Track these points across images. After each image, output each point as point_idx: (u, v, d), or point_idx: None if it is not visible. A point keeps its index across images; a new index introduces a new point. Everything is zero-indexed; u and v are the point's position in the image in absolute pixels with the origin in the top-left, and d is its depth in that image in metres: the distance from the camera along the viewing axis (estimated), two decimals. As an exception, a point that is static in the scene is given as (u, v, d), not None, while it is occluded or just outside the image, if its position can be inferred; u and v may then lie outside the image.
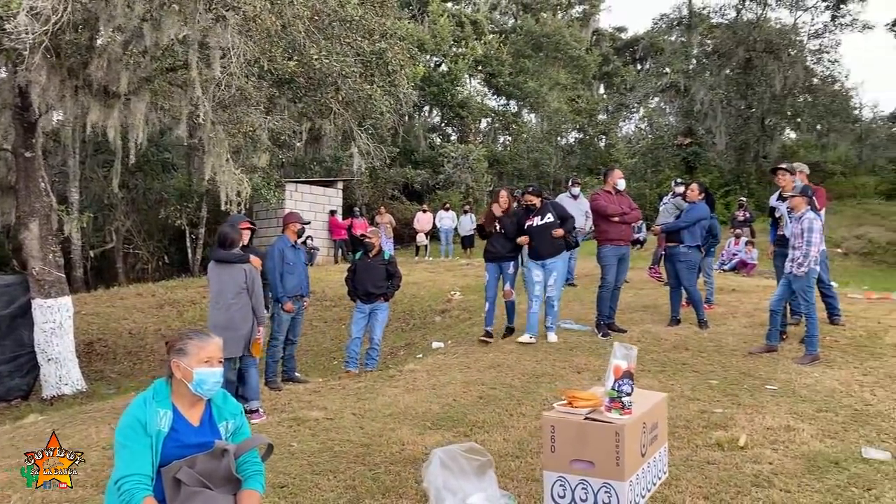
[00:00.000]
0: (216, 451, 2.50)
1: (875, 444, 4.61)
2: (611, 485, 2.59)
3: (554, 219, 7.79)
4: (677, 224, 8.29)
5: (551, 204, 8.08)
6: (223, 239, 6.38)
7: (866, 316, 8.19)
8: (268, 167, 16.60)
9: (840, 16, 25.22)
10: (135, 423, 2.47)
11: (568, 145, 33.66)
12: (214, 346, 2.67)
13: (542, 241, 7.77)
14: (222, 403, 2.69)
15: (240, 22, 7.85)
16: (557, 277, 7.82)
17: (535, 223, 7.82)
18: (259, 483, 2.60)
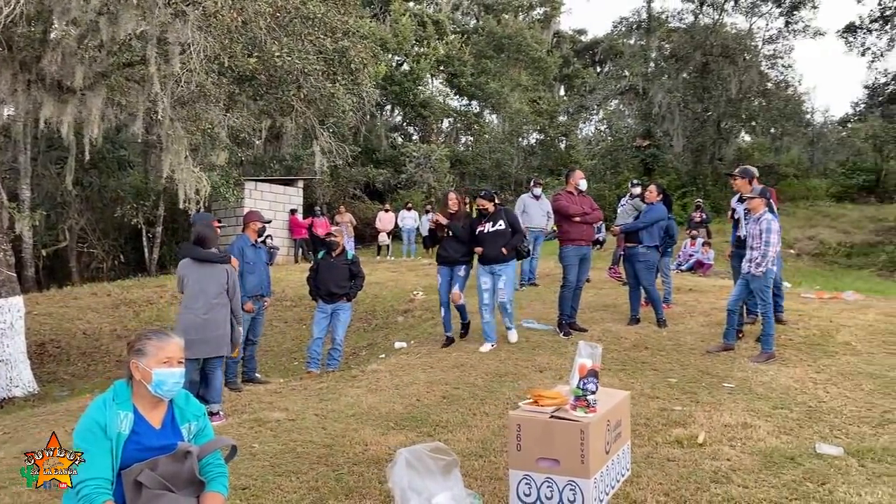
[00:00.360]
0: (179, 453, 2.45)
1: (828, 439, 4.73)
2: (576, 482, 2.61)
3: (505, 226, 7.67)
4: (636, 225, 8.40)
5: (504, 211, 7.90)
6: (201, 238, 6.30)
7: (819, 315, 8.39)
8: (227, 165, 16.39)
9: (793, 22, 25.83)
10: (94, 426, 2.41)
11: (529, 146, 33.88)
12: (175, 346, 2.62)
13: (493, 247, 7.64)
14: (184, 405, 2.64)
15: (200, 18, 7.71)
16: (507, 281, 7.67)
17: (486, 229, 7.69)
18: (223, 485, 2.56)
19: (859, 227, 22.83)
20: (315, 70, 9.74)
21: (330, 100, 10.33)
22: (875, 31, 24.62)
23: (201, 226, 6.47)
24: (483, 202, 7.84)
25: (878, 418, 5.12)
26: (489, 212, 7.77)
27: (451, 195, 8.23)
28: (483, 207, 7.81)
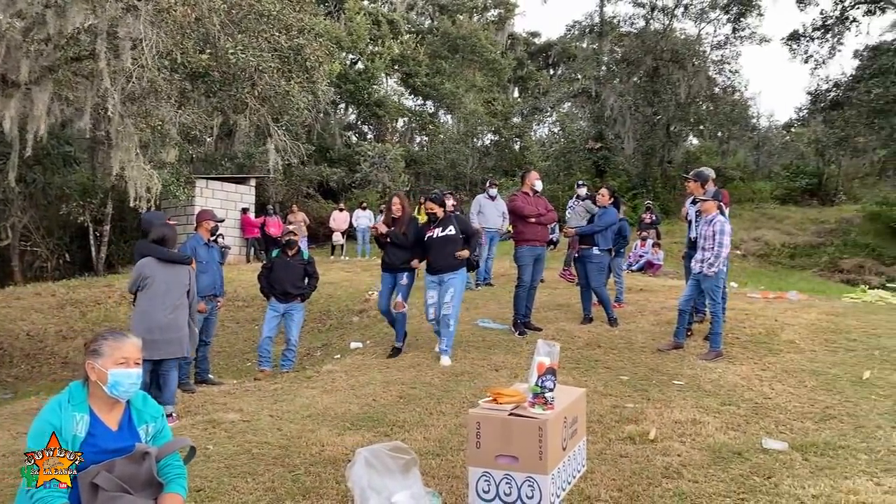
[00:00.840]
0: (137, 455, 2.42)
1: (774, 435, 4.89)
2: (534, 478, 2.66)
3: (456, 232, 7.20)
4: (592, 228, 8.54)
5: (455, 217, 7.45)
6: (163, 238, 6.24)
7: (764, 314, 8.65)
8: (177, 163, 16.08)
9: (740, 28, 26.50)
10: (47, 428, 2.36)
11: (484, 147, 34.06)
12: (131, 347, 2.58)
13: (441, 254, 7.18)
14: (142, 406, 2.61)
15: (152, 13, 7.55)
16: (455, 294, 7.11)
17: (435, 234, 7.21)
18: (181, 486, 2.54)
19: (802, 229, 23.59)
20: (270, 67, 9.64)
21: (285, 98, 10.23)
22: (817, 40, 25.42)
23: (162, 225, 6.40)
24: (431, 206, 7.35)
25: (820, 414, 5.31)
26: (437, 216, 7.32)
27: (394, 199, 7.77)
28: (431, 211, 7.34)
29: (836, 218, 24.43)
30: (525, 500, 2.69)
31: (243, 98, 9.94)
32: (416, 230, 7.47)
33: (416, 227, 7.51)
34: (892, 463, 4.29)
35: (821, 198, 27.83)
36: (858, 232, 22.43)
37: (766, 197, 27.76)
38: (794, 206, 26.89)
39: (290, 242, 8.20)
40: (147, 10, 7.54)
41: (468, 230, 7.41)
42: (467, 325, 8.79)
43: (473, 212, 11.61)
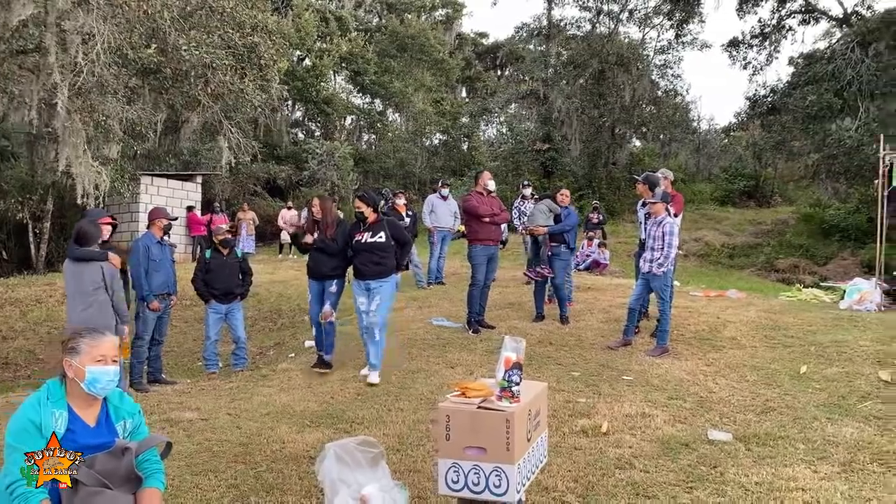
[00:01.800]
0: (117, 450, 2.46)
1: (718, 427, 5.14)
2: (501, 468, 2.78)
3: (386, 239, 6.66)
4: (563, 227, 8.75)
5: (387, 223, 6.83)
6: (80, 235, 6.11)
7: (707, 312, 8.98)
8: (120, 159, 15.74)
9: (683, 34, 27.22)
10: (28, 425, 2.39)
11: (433, 146, 34.20)
12: (108, 344, 2.62)
13: (367, 261, 6.66)
14: (119, 402, 2.64)
15: (104, 7, 7.41)
16: (382, 302, 6.60)
17: (363, 239, 6.68)
18: (160, 481, 2.58)
19: (740, 230, 24.40)
20: (223, 65, 9.55)
21: (239, 95, 10.14)
22: (755, 47, 26.29)
23: (84, 222, 6.25)
24: (360, 205, 6.77)
25: (761, 406, 5.59)
26: (366, 218, 6.75)
27: (314, 200, 7.21)
28: (359, 210, 6.76)
29: (772, 219, 25.35)
30: (493, 490, 2.81)
31: (196, 95, 9.83)
32: (345, 233, 6.94)
33: (344, 231, 6.98)
34: (828, 452, 4.56)
35: (758, 200, 28.83)
36: (793, 233, 23.32)
37: (706, 198, 28.61)
38: (732, 207, 27.79)
39: (225, 242, 8.16)
40: (99, 4, 7.41)
41: (401, 237, 6.82)
42: (422, 323, 8.90)
43: (426, 211, 11.75)
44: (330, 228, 6.96)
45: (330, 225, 6.98)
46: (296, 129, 32.40)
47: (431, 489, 4.03)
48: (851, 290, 10.03)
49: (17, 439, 2.37)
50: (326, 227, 6.95)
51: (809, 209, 24.84)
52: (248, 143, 12.09)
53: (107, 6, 7.51)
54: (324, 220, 6.99)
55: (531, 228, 8.77)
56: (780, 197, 29.26)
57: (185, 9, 8.84)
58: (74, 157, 9.32)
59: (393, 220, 7.17)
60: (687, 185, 29.89)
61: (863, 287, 9.96)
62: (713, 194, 29.02)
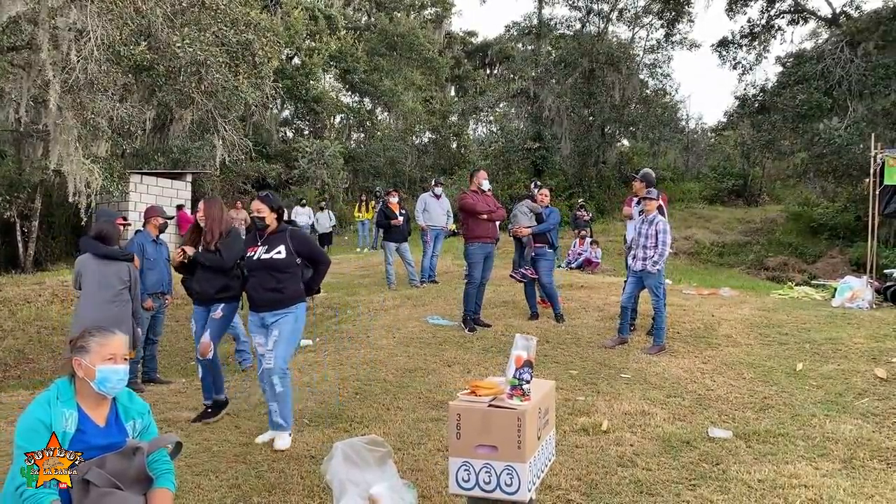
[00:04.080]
0: (128, 450, 2.43)
1: (718, 424, 5.16)
2: (512, 467, 2.77)
3: (287, 255, 4.98)
4: (546, 227, 8.76)
5: (291, 234, 5.10)
6: (103, 235, 6.21)
7: (701, 310, 9.01)
8: (109, 157, 15.62)
9: (672, 34, 27.38)
10: (38, 425, 2.36)
11: (422, 145, 34.17)
12: (118, 343, 2.59)
13: (259, 285, 5.01)
14: (128, 402, 2.62)
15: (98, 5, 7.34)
16: (280, 339, 4.92)
17: (257, 255, 5.02)
18: (170, 481, 2.56)
19: (730, 228, 24.54)
20: (217, 62, 9.49)
21: (233, 93, 10.08)
22: (745, 47, 26.47)
23: (103, 222, 6.38)
24: (260, 208, 5.06)
25: (759, 404, 5.62)
26: (266, 225, 5.08)
27: (201, 204, 5.74)
28: (258, 215, 5.06)
29: (761, 218, 25.51)
30: (504, 488, 2.80)
31: (189, 92, 9.76)
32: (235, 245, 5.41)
33: (235, 242, 5.45)
34: (828, 449, 4.58)
35: (746, 198, 29.01)
36: (782, 231, 23.48)
37: (695, 197, 28.75)
38: (721, 206, 27.94)
39: None
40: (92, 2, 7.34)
41: (313, 254, 5.22)
42: (417, 321, 8.88)
43: (419, 210, 11.75)
44: (216, 238, 5.43)
45: (217, 234, 5.45)
46: (285, 128, 32.28)
47: (435, 488, 4.02)
48: (843, 288, 10.09)
49: (26, 440, 2.34)
50: (211, 237, 5.44)
51: (798, 208, 25.03)
52: (242, 141, 12.00)
53: (99, 2, 7.45)
54: (208, 230, 5.48)
55: (515, 229, 8.78)
56: (769, 196, 29.45)
57: (177, 5, 8.77)
58: (66, 154, 9.24)
59: (301, 231, 5.31)
60: (676, 183, 30.05)
61: (854, 285, 10.02)
62: (702, 193, 29.17)
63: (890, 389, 5.78)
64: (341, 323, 9.39)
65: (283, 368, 4.91)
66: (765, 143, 23.95)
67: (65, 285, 12.65)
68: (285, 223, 5.20)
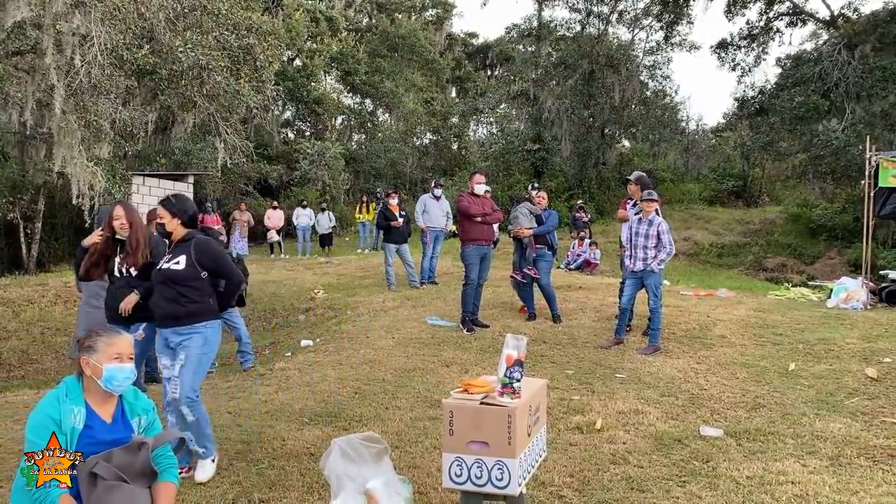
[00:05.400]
0: (133, 445, 2.54)
1: (710, 423, 5.26)
2: (503, 462, 2.88)
3: (186, 267, 4.37)
4: (546, 228, 8.87)
5: (197, 244, 4.45)
6: None
7: (697, 311, 9.12)
8: (111, 159, 15.75)
9: (672, 36, 27.50)
10: (48, 421, 2.47)
11: (423, 146, 34.30)
12: (125, 343, 2.70)
13: (161, 298, 4.43)
14: (133, 400, 2.73)
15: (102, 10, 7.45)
16: (187, 365, 4.32)
17: (163, 265, 4.46)
18: (174, 475, 2.67)
19: (729, 229, 24.64)
20: (219, 66, 9.61)
21: (234, 96, 10.19)
22: (744, 48, 26.58)
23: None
24: (162, 214, 4.53)
25: (751, 403, 5.72)
26: (169, 232, 4.53)
27: (115, 210, 5.13)
28: (160, 220, 4.54)
29: (760, 219, 25.61)
30: (495, 483, 2.90)
31: (191, 95, 9.88)
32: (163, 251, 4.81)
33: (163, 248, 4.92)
34: (816, 446, 4.69)
35: (746, 199, 29.12)
36: (781, 232, 23.57)
37: (694, 198, 28.86)
38: (721, 207, 28.05)
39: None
40: (95, 6, 7.45)
41: (217, 269, 4.50)
42: (417, 322, 8.99)
43: (418, 211, 11.86)
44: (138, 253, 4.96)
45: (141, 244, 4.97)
46: (286, 129, 32.42)
47: (431, 485, 4.13)
48: (838, 289, 10.19)
49: (36, 435, 2.46)
50: (135, 251, 4.97)
51: (797, 209, 25.12)
52: (243, 143, 12.12)
53: (103, 7, 7.57)
54: (130, 242, 4.99)
55: (516, 230, 8.86)
56: (768, 197, 29.56)
57: (179, 9, 8.88)
58: (69, 157, 9.36)
59: (208, 242, 4.58)
60: (676, 184, 30.15)
61: (849, 286, 10.12)
62: (702, 194, 29.28)
63: (880, 389, 5.88)
64: (341, 323, 9.49)
65: (190, 398, 4.29)
66: (763, 145, 24.06)
67: (68, 286, 12.76)
68: (197, 231, 4.62)
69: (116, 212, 5.03)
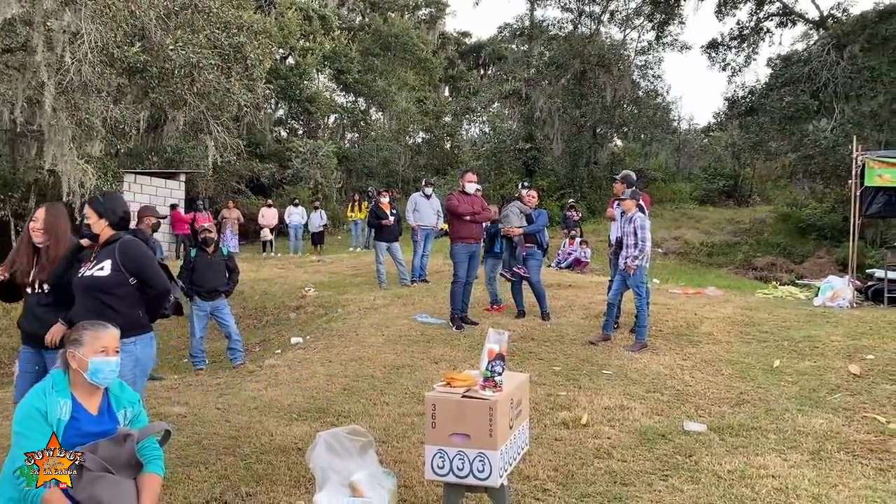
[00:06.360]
0: (119, 437, 2.58)
1: (694, 418, 5.33)
2: (485, 454, 2.93)
3: (110, 273, 3.79)
4: (536, 227, 8.92)
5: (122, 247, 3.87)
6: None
7: (685, 309, 9.19)
8: (103, 157, 15.73)
9: (663, 36, 27.59)
10: (34, 413, 2.51)
11: (416, 145, 34.32)
12: (110, 336, 2.74)
13: (84, 309, 3.75)
14: (119, 392, 2.77)
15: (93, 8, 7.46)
16: None
17: (85, 272, 3.87)
18: (159, 467, 2.71)
19: (719, 229, 24.75)
20: (210, 64, 9.62)
21: (225, 94, 10.22)
22: (734, 49, 26.70)
23: None
24: (88, 214, 4.04)
25: (735, 399, 5.79)
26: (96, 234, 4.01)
27: (40, 212, 4.41)
28: (87, 220, 4.06)
29: (750, 218, 25.74)
30: (476, 474, 2.96)
31: (182, 94, 9.89)
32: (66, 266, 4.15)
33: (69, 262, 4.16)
34: (798, 441, 4.76)
35: (736, 199, 29.26)
36: (770, 232, 23.70)
37: (685, 197, 28.98)
38: (711, 206, 28.18)
39: (206, 241, 8.24)
40: (86, 3, 7.46)
41: (141, 274, 3.89)
42: (406, 320, 9.03)
43: (409, 209, 11.91)
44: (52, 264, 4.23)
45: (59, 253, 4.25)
46: (279, 128, 32.38)
47: (417, 478, 4.18)
48: (825, 288, 10.28)
49: (23, 426, 2.50)
50: (48, 259, 4.27)
51: (787, 208, 25.25)
52: (234, 141, 12.14)
53: (93, 5, 7.58)
54: (47, 250, 4.30)
55: (507, 229, 8.90)
56: (759, 196, 29.71)
57: (170, 7, 8.90)
58: (60, 154, 9.36)
59: (135, 244, 3.98)
60: (667, 184, 30.27)
61: (836, 284, 10.21)
62: (693, 193, 29.40)
63: (862, 385, 5.96)
64: (331, 321, 9.54)
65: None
66: (753, 145, 24.18)
67: (58, 284, 12.72)
68: (124, 232, 4.03)
69: (37, 213, 4.35)
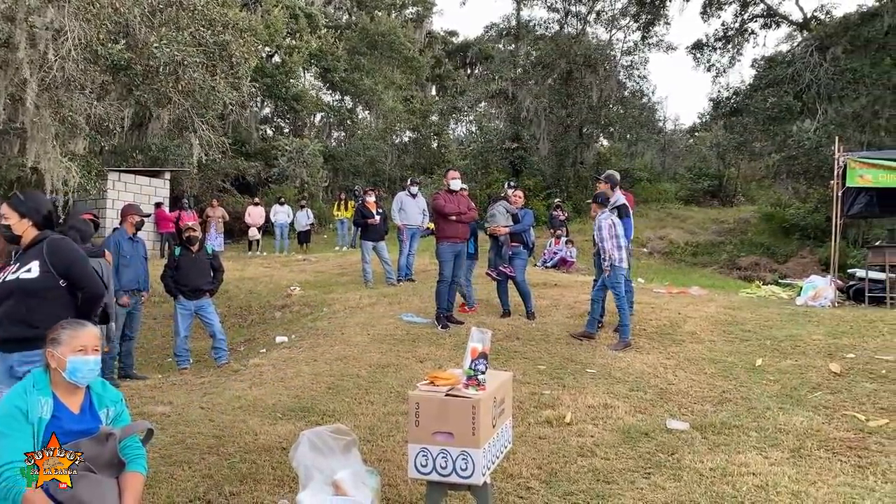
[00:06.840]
0: (101, 436, 2.58)
1: (677, 416, 5.37)
2: (467, 452, 2.94)
3: (39, 275, 3.58)
4: (522, 227, 8.96)
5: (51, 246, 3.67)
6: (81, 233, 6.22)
7: (668, 308, 9.25)
8: (87, 155, 15.60)
9: (649, 36, 27.75)
10: (15, 412, 2.50)
11: (402, 144, 34.29)
12: (89, 335, 2.73)
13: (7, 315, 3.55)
14: (102, 391, 2.76)
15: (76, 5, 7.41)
16: None
17: (7, 275, 3.63)
18: (142, 465, 2.71)
19: (704, 228, 24.93)
20: (194, 62, 9.57)
21: (210, 93, 10.17)
22: (719, 49, 26.88)
23: (78, 220, 6.41)
24: (5, 211, 3.77)
25: (717, 397, 5.84)
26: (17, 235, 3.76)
27: None
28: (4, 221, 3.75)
29: (734, 218, 25.94)
30: (459, 472, 2.97)
31: (167, 92, 9.84)
32: None
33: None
34: (779, 439, 4.81)
35: (721, 199, 29.47)
36: (754, 231, 23.90)
37: (670, 197, 29.16)
38: (696, 206, 28.37)
39: (190, 239, 8.22)
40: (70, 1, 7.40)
41: (71, 275, 3.68)
42: (392, 319, 9.04)
43: (395, 209, 11.90)
44: None
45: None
46: (265, 126, 32.23)
47: (401, 476, 4.19)
48: (807, 287, 10.39)
49: (4, 425, 2.48)
50: None
51: (770, 208, 25.46)
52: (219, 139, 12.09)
53: (77, 2, 7.52)
54: None
55: (492, 228, 8.93)
56: (743, 196, 29.94)
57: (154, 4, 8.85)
58: (43, 152, 9.29)
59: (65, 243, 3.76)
60: (652, 184, 30.43)
61: (818, 284, 10.32)
62: (678, 193, 29.59)
63: (842, 384, 6.03)
64: (317, 320, 9.52)
65: None
66: (738, 145, 24.36)
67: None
68: (51, 231, 3.79)
69: None
